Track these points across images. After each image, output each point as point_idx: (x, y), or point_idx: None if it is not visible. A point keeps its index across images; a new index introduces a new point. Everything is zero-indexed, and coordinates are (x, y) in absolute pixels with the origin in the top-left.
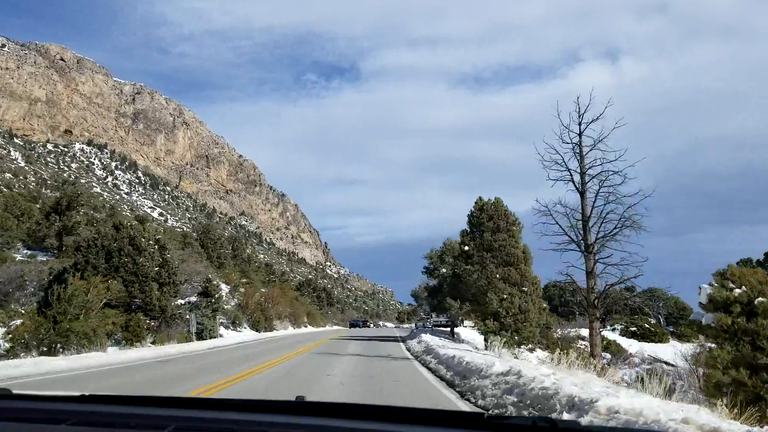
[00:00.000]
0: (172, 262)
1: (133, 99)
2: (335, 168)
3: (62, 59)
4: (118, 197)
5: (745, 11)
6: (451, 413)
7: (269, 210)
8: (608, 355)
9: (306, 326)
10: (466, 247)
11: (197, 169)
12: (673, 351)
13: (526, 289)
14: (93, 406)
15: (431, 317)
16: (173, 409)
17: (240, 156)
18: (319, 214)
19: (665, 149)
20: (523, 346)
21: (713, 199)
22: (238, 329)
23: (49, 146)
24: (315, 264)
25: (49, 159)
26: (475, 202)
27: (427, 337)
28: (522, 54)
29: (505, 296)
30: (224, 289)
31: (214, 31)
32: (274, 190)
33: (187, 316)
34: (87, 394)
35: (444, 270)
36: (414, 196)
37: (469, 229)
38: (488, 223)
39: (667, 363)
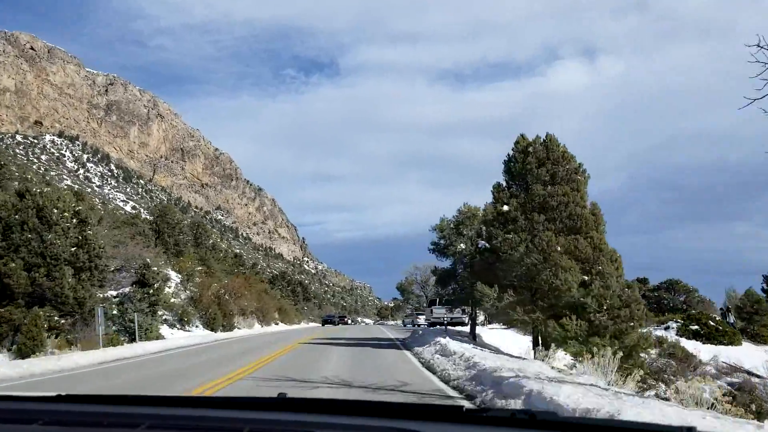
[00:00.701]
0: (95, 241)
1: (106, 90)
2: (314, 163)
3: (32, 48)
4: (89, 190)
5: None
6: (431, 407)
7: (246, 204)
8: (672, 363)
9: (277, 324)
10: (506, 207)
11: (172, 162)
12: (764, 357)
13: (601, 268)
14: (66, 406)
15: (431, 311)
16: (147, 407)
17: (216, 149)
18: (297, 209)
19: (641, 144)
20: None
21: (685, 194)
22: (188, 328)
23: (18, 137)
24: (292, 259)
25: (18, 150)
26: (516, 143)
27: (455, 345)
28: (502, 51)
29: (587, 278)
30: (174, 278)
31: (194, 24)
32: (250, 185)
33: (114, 312)
34: (63, 394)
35: (462, 246)
36: (393, 192)
37: (506, 182)
38: (538, 170)
39: (750, 373)
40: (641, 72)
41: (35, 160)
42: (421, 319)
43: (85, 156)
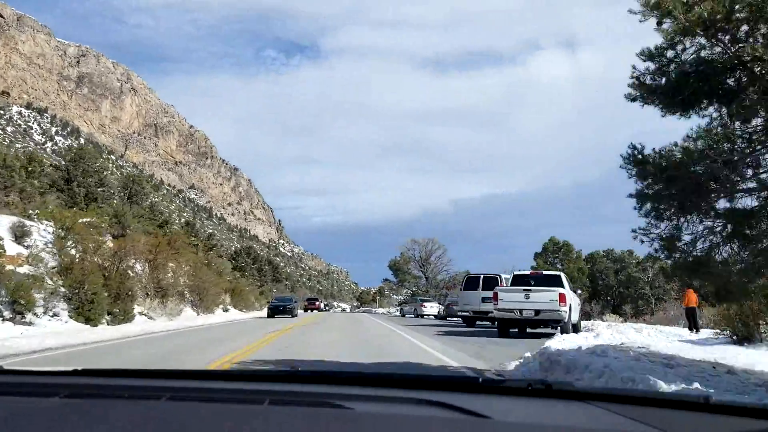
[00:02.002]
0: None
1: (78, 61)
2: (293, 146)
3: (0, 15)
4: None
5: None
6: (448, 377)
7: (221, 184)
8: None
9: (226, 310)
10: None
11: (145, 138)
12: None
13: None
14: (86, 379)
15: (497, 295)
16: (167, 380)
17: (191, 126)
18: (275, 192)
19: (620, 137)
20: None
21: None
22: (30, 319)
23: None
24: (268, 241)
25: None
26: None
27: None
28: (484, 40)
29: None
30: (44, 236)
31: (173, 2)
32: (226, 164)
33: None
34: (80, 368)
35: None
36: (372, 178)
37: None
38: None
39: None
40: (621, 63)
41: (0, 132)
42: (429, 308)
43: (54, 129)
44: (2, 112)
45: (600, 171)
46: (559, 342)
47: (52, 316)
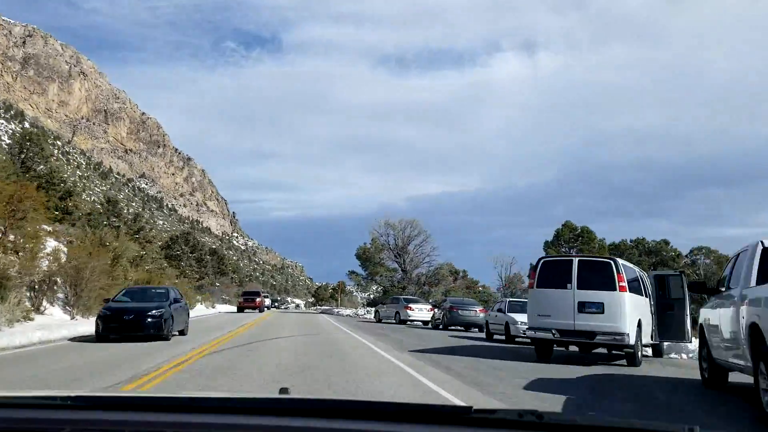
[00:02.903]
0: None
1: (24, 42)
2: (251, 141)
3: None
4: None
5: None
6: (438, 408)
7: (173, 174)
8: None
9: None
10: None
11: (94, 124)
12: None
13: None
14: (85, 414)
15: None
16: (171, 414)
17: (143, 113)
18: (232, 186)
19: (572, 139)
20: None
21: (611, 190)
22: None
23: None
24: (221, 234)
25: None
26: None
27: None
28: (445, 39)
29: None
30: None
31: None
32: (179, 153)
33: None
34: (77, 395)
35: None
36: (330, 174)
37: None
38: None
39: None
40: (577, 68)
41: None
42: (418, 312)
43: None
44: None
45: (551, 173)
46: None
47: None
